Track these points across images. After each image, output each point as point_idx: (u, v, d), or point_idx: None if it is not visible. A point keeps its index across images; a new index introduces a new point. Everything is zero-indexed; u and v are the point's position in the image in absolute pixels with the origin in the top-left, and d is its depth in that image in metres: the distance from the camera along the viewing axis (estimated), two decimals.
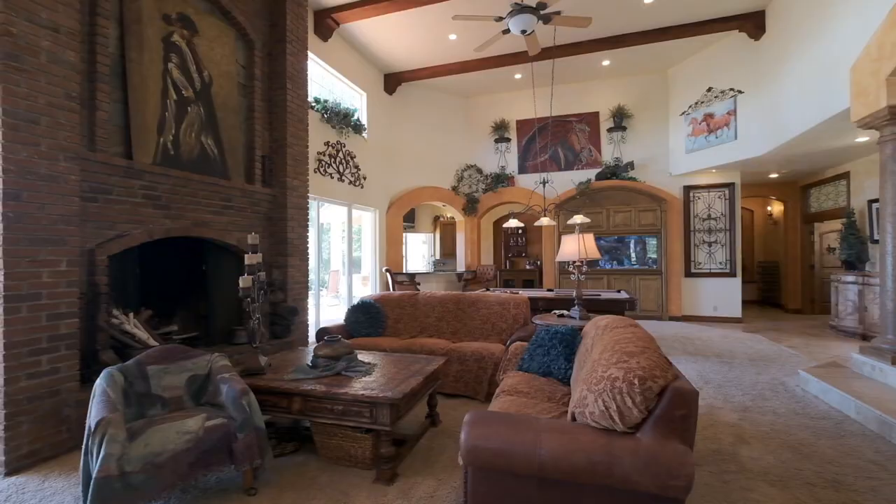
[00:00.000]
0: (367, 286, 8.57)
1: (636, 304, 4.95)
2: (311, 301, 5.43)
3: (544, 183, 5.88)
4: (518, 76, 8.02)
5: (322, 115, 5.99)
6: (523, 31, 3.94)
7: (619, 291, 6.14)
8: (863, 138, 5.41)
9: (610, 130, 8.11)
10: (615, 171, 7.93)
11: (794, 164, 6.96)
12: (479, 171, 8.82)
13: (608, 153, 8.17)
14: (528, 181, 8.53)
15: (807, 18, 5.11)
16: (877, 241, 6.20)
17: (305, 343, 4.89)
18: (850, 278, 6.10)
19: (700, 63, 7.18)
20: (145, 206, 3.33)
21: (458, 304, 4.37)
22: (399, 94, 8.29)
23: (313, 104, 5.83)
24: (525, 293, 6.01)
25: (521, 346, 3.17)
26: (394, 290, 7.58)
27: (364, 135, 7.15)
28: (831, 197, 7.51)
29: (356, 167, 6.84)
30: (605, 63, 7.52)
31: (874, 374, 3.59)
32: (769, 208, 9.62)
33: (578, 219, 5.81)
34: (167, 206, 3.51)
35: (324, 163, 6.01)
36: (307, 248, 5.05)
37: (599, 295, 5.80)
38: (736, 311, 7.41)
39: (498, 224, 10.99)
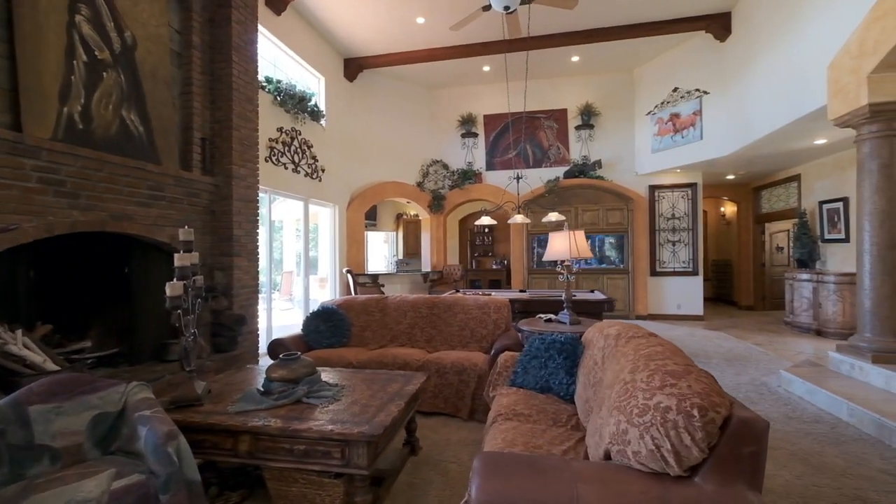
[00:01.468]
0: (325, 288, 7.93)
1: (614, 305, 4.76)
2: (262, 306, 4.79)
3: (518, 178, 5.59)
4: (486, 68, 7.71)
5: (274, 98, 5.33)
6: (506, 8, 3.59)
7: (592, 291, 5.97)
8: (821, 140, 5.58)
9: (578, 128, 8.00)
10: (583, 169, 7.83)
11: (754, 166, 7.16)
12: (446, 166, 8.43)
13: (576, 151, 8.06)
14: (496, 178, 8.26)
15: (774, 19, 5.17)
16: (827, 241, 6.47)
17: (256, 357, 4.26)
18: (805, 276, 6.32)
19: (665, 63, 7.21)
20: (43, 194, 2.62)
21: (432, 308, 3.94)
22: (360, 82, 7.71)
23: (264, 84, 5.16)
24: (498, 294, 5.69)
25: (510, 357, 2.80)
26: (356, 292, 7.01)
27: (322, 123, 6.53)
28: (782, 198, 7.83)
29: (313, 158, 6.21)
30: (575, 59, 7.38)
31: (853, 373, 3.58)
32: (722, 209, 10.00)
33: (554, 216, 5.59)
34: (74, 193, 2.81)
35: (276, 151, 5.35)
36: (257, 246, 4.41)
37: (574, 295, 5.59)
38: (698, 308, 7.53)
39: (464, 222, 10.66)
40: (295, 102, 5.55)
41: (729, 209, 9.72)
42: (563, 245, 3.25)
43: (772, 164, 6.98)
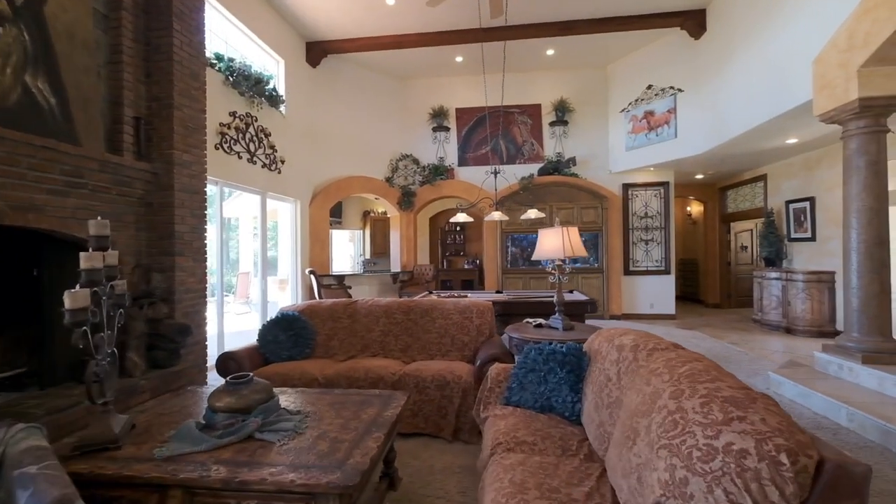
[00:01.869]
0: (285, 291, 7.32)
1: (596, 306, 4.54)
2: (212, 310, 4.23)
3: (496, 173, 5.28)
4: (459, 59, 7.38)
5: (226, 78, 4.74)
6: None
7: (571, 291, 5.77)
8: (792, 140, 5.63)
9: (552, 124, 7.82)
10: (557, 166, 7.65)
11: (725, 165, 7.22)
12: (416, 161, 8.02)
13: (550, 148, 7.88)
14: (468, 174, 7.94)
15: (750, 16, 5.14)
16: (793, 239, 6.60)
17: (203, 372, 3.70)
18: (774, 274, 6.41)
19: (639, 61, 7.15)
20: None
21: (407, 313, 3.54)
22: (325, 68, 7.17)
23: (214, 61, 4.57)
24: (476, 296, 5.36)
25: (502, 371, 2.45)
26: (320, 295, 6.48)
27: (281, 109, 5.96)
28: (748, 198, 7.99)
29: (272, 147, 5.64)
30: (550, 53, 7.18)
31: (842, 374, 3.50)
32: (688, 209, 10.17)
33: (533, 213, 5.33)
34: None
35: (229, 138, 4.77)
36: (205, 244, 3.85)
37: (553, 296, 5.35)
38: (670, 307, 7.54)
39: (434, 220, 10.28)
40: (250, 84, 4.97)
41: (695, 209, 9.89)
42: (555, 243, 2.95)
43: (740, 163, 7.06)
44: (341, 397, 2.24)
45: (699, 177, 8.23)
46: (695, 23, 6.07)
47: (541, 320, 3.31)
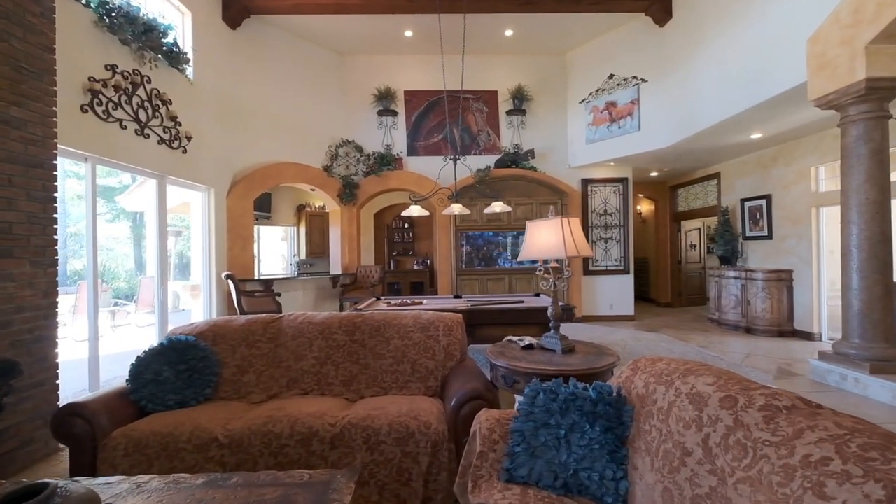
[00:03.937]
0: (198, 299, 6.03)
1: (573, 313, 3.95)
2: (85, 328, 3.06)
3: (456, 160, 4.54)
4: (408, 34, 6.54)
5: (100, 17, 3.52)
6: None
7: (538, 295, 5.18)
8: (756, 135, 5.47)
9: (509, 113, 7.23)
10: (515, 158, 7.08)
11: (682, 162, 7.05)
12: (359, 149, 7.06)
13: (507, 138, 7.29)
14: (419, 164, 7.13)
15: (721, 2, 4.85)
16: (748, 238, 6.55)
17: (43, 432, 2.54)
18: (733, 273, 6.30)
19: (600, 48, 6.77)
20: None
21: (352, 333, 2.67)
22: (248, 32, 5.99)
23: None
24: (431, 302, 4.58)
25: (497, 423, 1.69)
26: (240, 306, 5.33)
27: (188, 73, 4.74)
28: (699, 196, 7.97)
29: (173, 119, 4.43)
30: (508, 33, 6.58)
31: (846, 385, 3.17)
32: (639, 207, 10.13)
33: (498, 207, 4.66)
34: None
35: (105, 99, 3.55)
36: (54, 241, 2.69)
37: (522, 301, 4.73)
38: (629, 308, 7.27)
39: (379, 217, 9.31)
40: (137, 32, 3.77)
41: (645, 207, 9.87)
42: (552, 239, 2.25)
43: (698, 160, 6.93)
44: (244, 493, 1.34)
45: (654, 174, 8.08)
46: (660, 8, 5.76)
47: (530, 339, 2.59)
